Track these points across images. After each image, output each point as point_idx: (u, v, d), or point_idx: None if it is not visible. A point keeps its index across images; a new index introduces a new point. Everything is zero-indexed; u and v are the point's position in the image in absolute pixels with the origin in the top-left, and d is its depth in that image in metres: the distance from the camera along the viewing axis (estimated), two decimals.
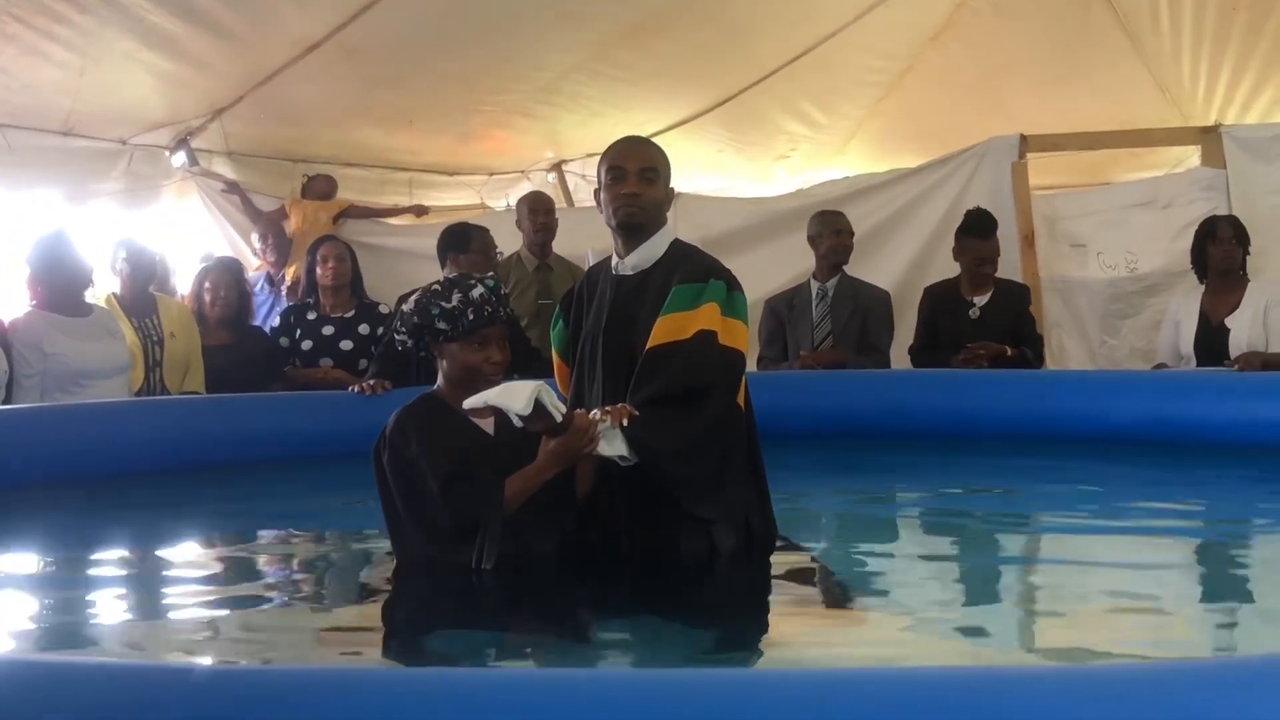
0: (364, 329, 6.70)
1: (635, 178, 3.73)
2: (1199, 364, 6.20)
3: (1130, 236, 7.64)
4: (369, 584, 4.00)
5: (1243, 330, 6.14)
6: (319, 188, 8.49)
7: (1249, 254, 6.39)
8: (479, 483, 3.51)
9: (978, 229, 6.66)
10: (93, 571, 4.25)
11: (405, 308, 3.71)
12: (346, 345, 6.66)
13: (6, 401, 5.73)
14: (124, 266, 6.42)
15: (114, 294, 6.44)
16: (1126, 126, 8.74)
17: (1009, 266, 7.15)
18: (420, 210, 8.96)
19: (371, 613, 3.73)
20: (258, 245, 8.23)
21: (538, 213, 7.08)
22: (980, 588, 3.83)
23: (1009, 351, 6.35)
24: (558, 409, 3.41)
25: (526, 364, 4.96)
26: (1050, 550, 4.41)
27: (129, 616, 3.77)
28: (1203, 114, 9.40)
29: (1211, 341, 6.21)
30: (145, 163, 8.25)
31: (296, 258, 7.97)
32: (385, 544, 3.79)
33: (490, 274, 3.93)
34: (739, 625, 3.49)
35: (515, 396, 3.34)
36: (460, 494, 3.49)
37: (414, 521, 3.59)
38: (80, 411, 5.53)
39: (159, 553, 4.58)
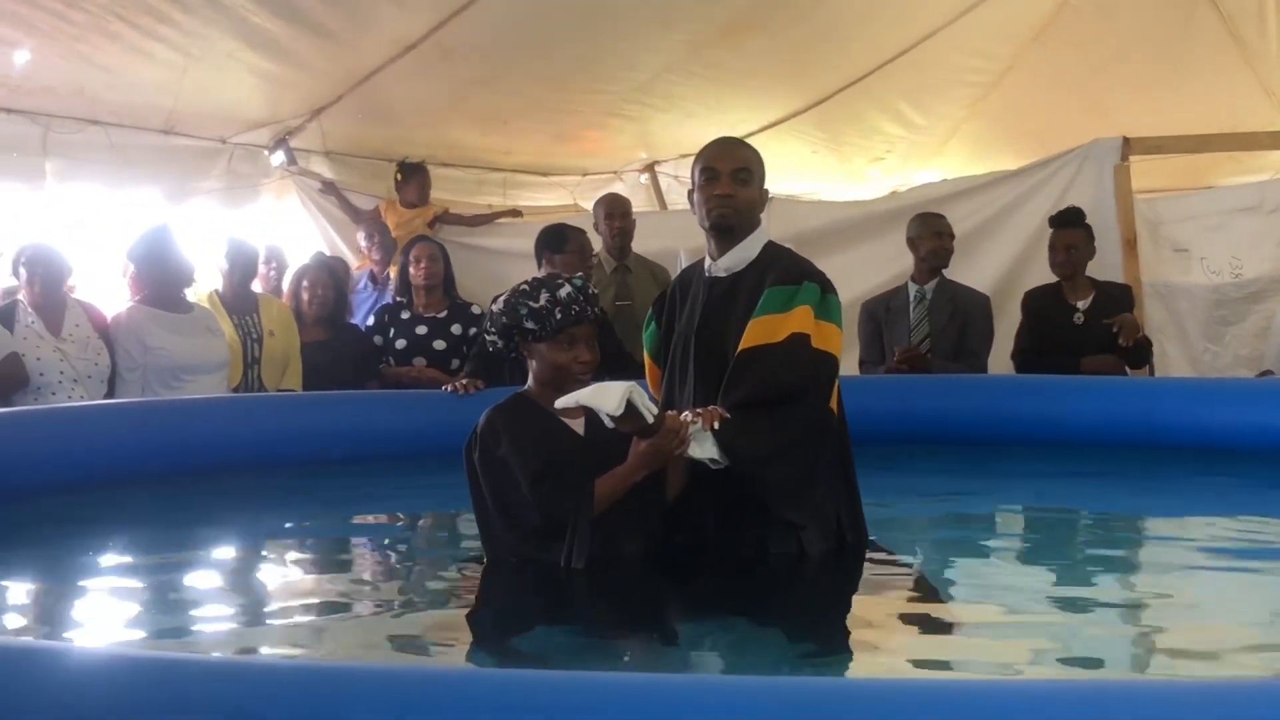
0: (456, 329, 6.74)
1: (729, 179, 3.72)
2: None
3: (1235, 241, 7.49)
4: (458, 582, 4.01)
5: None
6: (410, 195, 8.46)
7: None
8: (569, 482, 3.50)
9: (1052, 219, 6.66)
10: (184, 567, 4.30)
11: (494, 308, 3.71)
12: (440, 345, 6.70)
13: (109, 395, 5.84)
14: (224, 263, 6.52)
15: (216, 291, 6.54)
16: (1230, 129, 8.56)
17: (1111, 270, 7.03)
18: (515, 213, 8.94)
19: (461, 611, 3.74)
20: (364, 243, 8.24)
21: (614, 216, 7.05)
22: (1079, 598, 3.75)
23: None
24: (649, 410, 3.39)
25: (618, 365, 4.94)
26: (1151, 562, 4.32)
27: (220, 613, 3.81)
28: None
29: None
30: (245, 161, 8.35)
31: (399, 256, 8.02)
32: (476, 542, 3.80)
33: (579, 274, 3.92)
34: (829, 630, 3.44)
35: (607, 397, 3.33)
36: (550, 493, 3.49)
37: (504, 520, 3.60)
38: (174, 407, 5.61)
39: (251, 549, 4.63)
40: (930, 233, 6.59)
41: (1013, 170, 8.09)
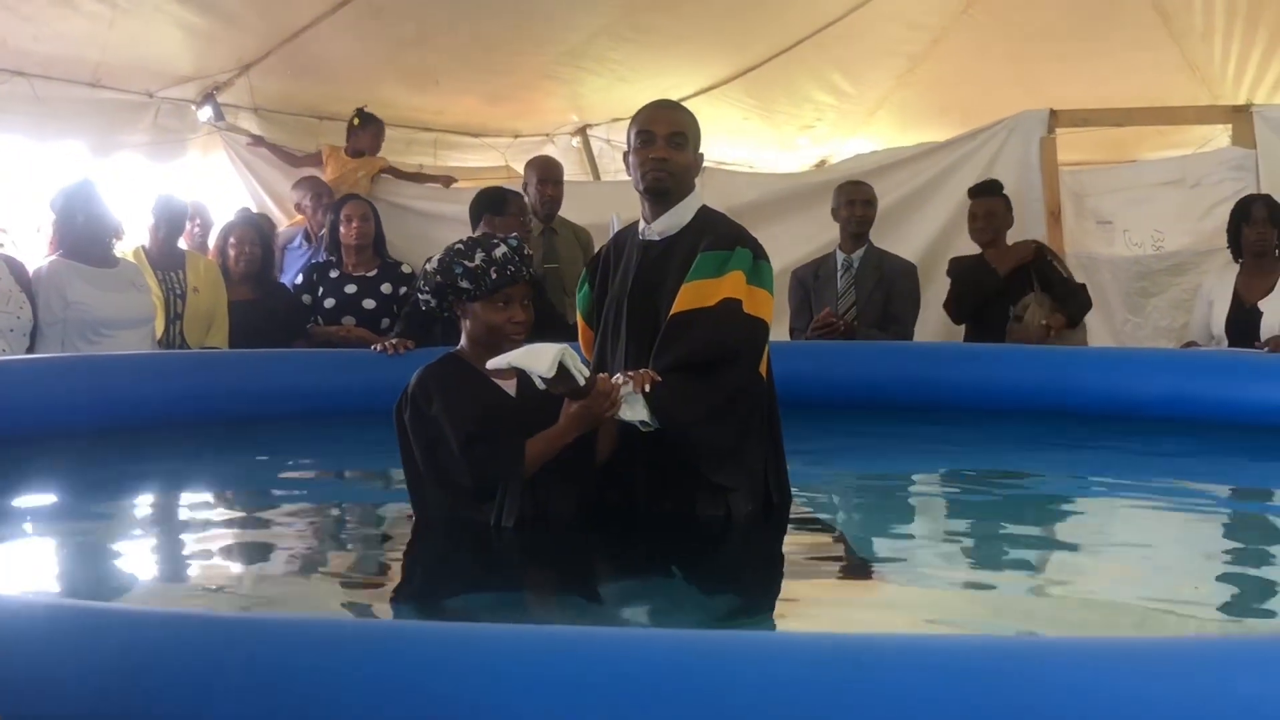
0: (386, 288, 6.70)
1: (664, 142, 3.73)
2: (1230, 345, 6.16)
3: (1157, 214, 7.61)
4: (388, 541, 4.02)
5: (1275, 313, 6.08)
6: (362, 143, 8.34)
7: None
8: (500, 443, 3.52)
9: (972, 190, 6.79)
10: (111, 522, 4.28)
11: (428, 266, 3.71)
12: (369, 304, 6.66)
13: (30, 350, 5.77)
14: (152, 219, 6.45)
15: (142, 247, 6.48)
16: (1155, 104, 8.68)
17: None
18: (448, 180, 8.86)
19: (391, 570, 3.76)
20: (308, 204, 8.07)
21: (547, 182, 7.01)
22: (996, 559, 3.84)
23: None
24: (581, 372, 3.41)
25: (551, 327, 4.95)
26: (1069, 525, 4.41)
27: (146, 567, 3.81)
28: (1232, 93, 9.34)
29: (1243, 323, 6.16)
30: (172, 116, 8.24)
31: None
32: (405, 502, 3.80)
33: (514, 234, 3.93)
34: (754, 589, 3.51)
35: (539, 358, 3.35)
36: (481, 454, 3.50)
37: (434, 480, 3.61)
38: (102, 362, 5.56)
39: (178, 506, 4.61)
40: (846, 201, 6.67)
41: (941, 142, 8.18)
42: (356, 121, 8.31)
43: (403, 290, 6.61)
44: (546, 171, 7.13)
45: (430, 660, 2.13)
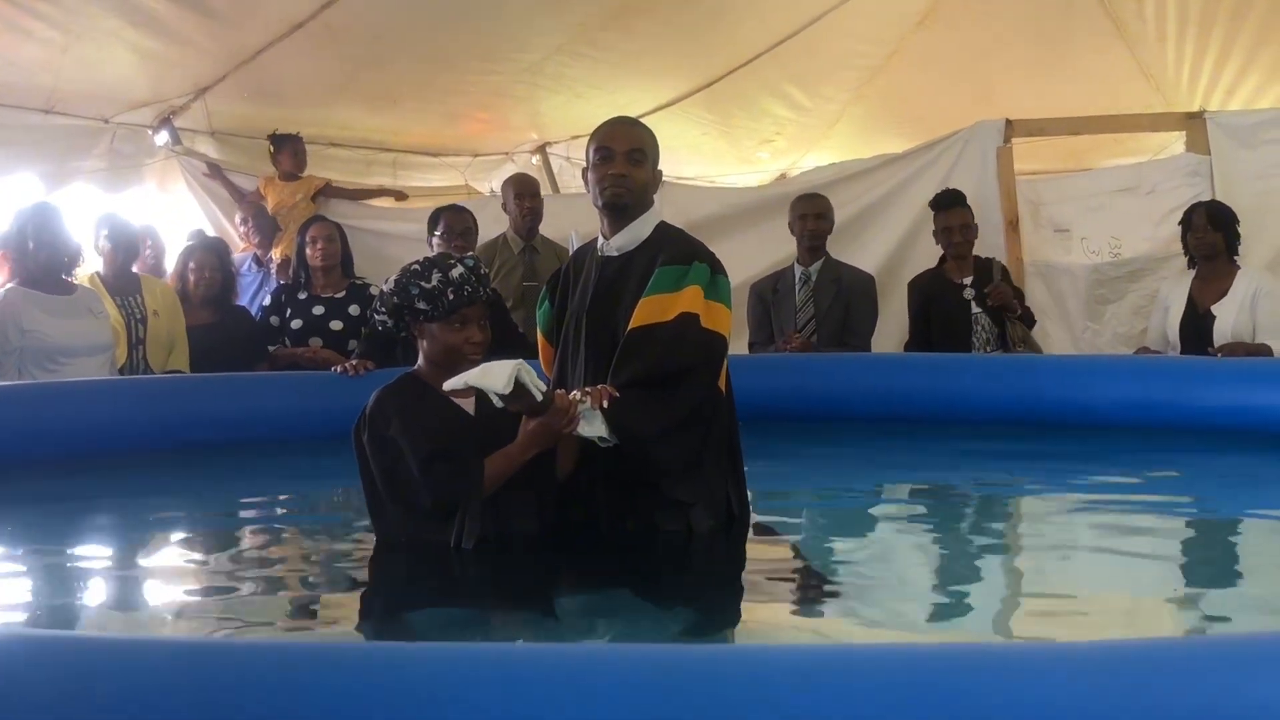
0: (354, 310, 6.65)
1: (623, 159, 3.74)
2: (1183, 350, 6.21)
3: (1114, 222, 7.67)
4: (349, 563, 4.00)
5: (1228, 318, 6.14)
6: (285, 165, 8.34)
7: (1238, 239, 6.39)
8: (459, 462, 3.51)
9: (937, 203, 6.79)
10: (73, 549, 4.26)
11: (385, 288, 3.70)
12: (336, 325, 6.62)
13: None
14: (105, 244, 6.41)
15: (97, 273, 6.43)
16: (1110, 112, 8.74)
17: (993, 251, 7.19)
18: (400, 195, 8.84)
19: (351, 592, 3.74)
20: (240, 227, 8.17)
21: (524, 196, 7.08)
22: (955, 571, 3.85)
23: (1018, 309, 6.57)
24: (538, 388, 3.41)
25: (511, 345, 4.95)
26: (1029, 534, 4.43)
27: (108, 594, 3.78)
28: (1186, 100, 9.41)
29: (1197, 327, 6.22)
30: (128, 141, 8.20)
31: (284, 237, 7.94)
32: (365, 523, 3.79)
33: (470, 253, 3.92)
34: (714, 604, 3.51)
35: (495, 376, 3.34)
36: (440, 473, 3.49)
37: (394, 501, 3.60)
38: (63, 389, 5.52)
39: (138, 531, 4.58)
40: (799, 215, 6.71)
41: (898, 154, 8.22)
42: (272, 149, 8.33)
43: (369, 311, 6.59)
44: (523, 186, 7.21)
45: (391, 681, 2.12)
